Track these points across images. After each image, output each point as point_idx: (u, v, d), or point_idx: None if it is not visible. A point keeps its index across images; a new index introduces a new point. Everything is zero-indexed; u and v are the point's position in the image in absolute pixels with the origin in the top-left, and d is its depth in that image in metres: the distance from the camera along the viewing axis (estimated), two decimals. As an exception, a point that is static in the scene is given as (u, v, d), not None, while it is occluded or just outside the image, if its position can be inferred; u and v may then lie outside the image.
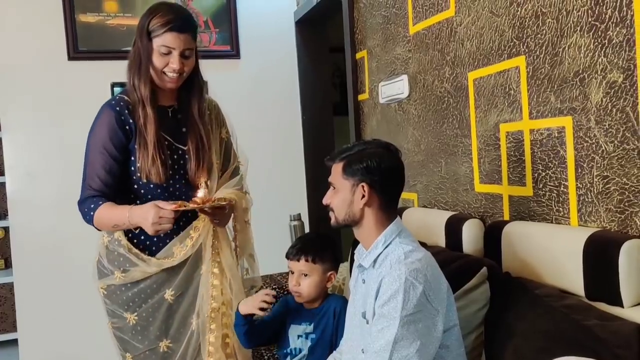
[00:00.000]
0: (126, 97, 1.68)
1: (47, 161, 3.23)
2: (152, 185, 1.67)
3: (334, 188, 1.39)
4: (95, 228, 1.69)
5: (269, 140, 3.66)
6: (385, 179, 1.34)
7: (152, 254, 1.70)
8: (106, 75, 3.27)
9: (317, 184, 3.54)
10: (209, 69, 3.53)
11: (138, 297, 1.70)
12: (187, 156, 1.72)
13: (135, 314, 1.70)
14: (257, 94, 3.63)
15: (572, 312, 1.20)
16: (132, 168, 1.68)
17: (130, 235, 1.70)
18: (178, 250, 1.70)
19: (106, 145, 1.64)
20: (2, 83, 3.16)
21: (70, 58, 3.20)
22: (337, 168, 1.37)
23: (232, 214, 1.83)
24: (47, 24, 3.16)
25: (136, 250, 1.68)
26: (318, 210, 3.50)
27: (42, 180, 3.23)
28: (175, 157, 1.72)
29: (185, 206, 1.61)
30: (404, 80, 2.33)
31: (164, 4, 1.69)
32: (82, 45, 3.19)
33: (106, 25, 3.22)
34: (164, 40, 1.60)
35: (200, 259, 1.75)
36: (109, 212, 1.64)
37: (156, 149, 1.64)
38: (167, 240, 1.71)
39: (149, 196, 1.68)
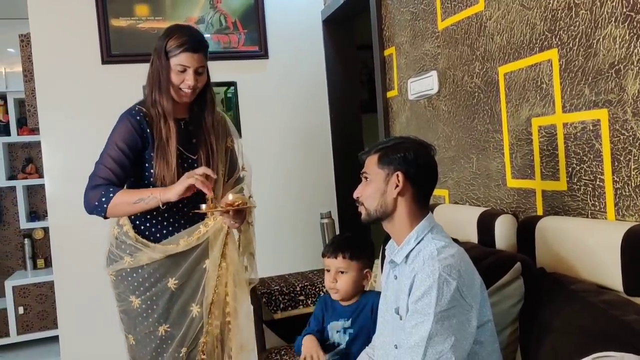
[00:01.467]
0: (144, 110, 1.84)
1: (83, 163, 3.28)
2: None
3: (366, 179, 1.39)
4: (102, 215, 1.81)
5: (298, 138, 3.69)
6: (420, 172, 1.35)
7: (158, 242, 1.86)
8: (138, 78, 3.31)
9: (346, 182, 3.55)
10: (237, 69, 3.62)
11: (145, 283, 1.85)
12: (195, 165, 1.88)
13: (140, 298, 1.85)
14: (286, 93, 3.66)
15: (610, 307, 1.18)
16: (146, 173, 1.85)
17: (137, 230, 1.86)
18: (183, 241, 1.86)
19: (121, 144, 1.80)
20: (41, 88, 3.26)
21: (103, 62, 3.28)
22: (372, 159, 1.39)
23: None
24: (81, 30, 3.25)
25: (143, 240, 1.84)
26: (348, 207, 3.50)
27: (79, 182, 3.31)
28: (186, 165, 1.88)
29: (216, 207, 1.77)
30: (433, 76, 2.32)
31: (179, 27, 1.87)
32: (115, 49, 3.27)
33: (137, 29, 3.29)
34: (180, 60, 1.77)
35: (205, 253, 1.90)
36: (131, 192, 1.80)
37: (175, 159, 1.80)
38: (175, 233, 1.88)
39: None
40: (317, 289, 2.42)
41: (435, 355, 1.18)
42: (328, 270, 1.78)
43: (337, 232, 3.09)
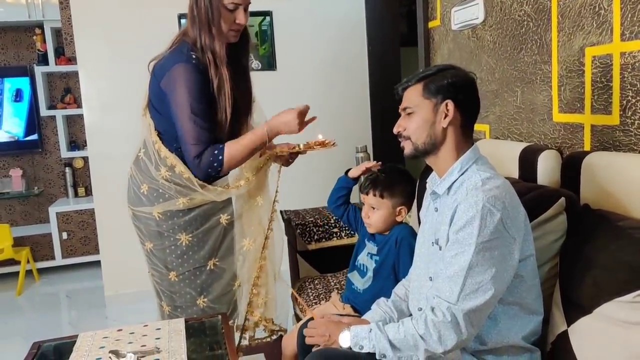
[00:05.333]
0: (195, 55, 1.68)
1: (120, 92, 3.34)
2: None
3: (409, 113, 1.33)
4: (216, 175, 1.71)
5: (335, 72, 3.61)
6: (468, 97, 1.30)
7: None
8: (173, 6, 3.29)
9: (382, 116, 3.49)
10: (274, -3, 3.49)
11: (196, 220, 1.80)
12: (240, 105, 1.80)
13: (191, 235, 1.79)
14: (323, 25, 3.55)
15: (659, 244, 1.14)
16: None
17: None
18: (234, 189, 1.82)
19: (203, 98, 1.66)
20: (77, 16, 3.25)
21: (139, -12, 3.23)
22: (414, 90, 1.32)
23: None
24: (115, -45, 3.19)
25: (200, 182, 1.74)
26: (383, 141, 3.47)
27: (116, 111, 3.35)
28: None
29: (311, 146, 1.79)
30: (479, 4, 2.20)
31: None
32: (150, -25, 3.20)
33: (172, -45, 3.20)
34: None
35: (260, 191, 1.88)
36: (240, 144, 1.70)
37: (230, 107, 1.69)
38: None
39: None
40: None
41: (474, 286, 1.17)
42: (364, 204, 1.80)
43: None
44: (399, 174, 1.79)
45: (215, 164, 1.67)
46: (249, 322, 1.97)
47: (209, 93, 1.68)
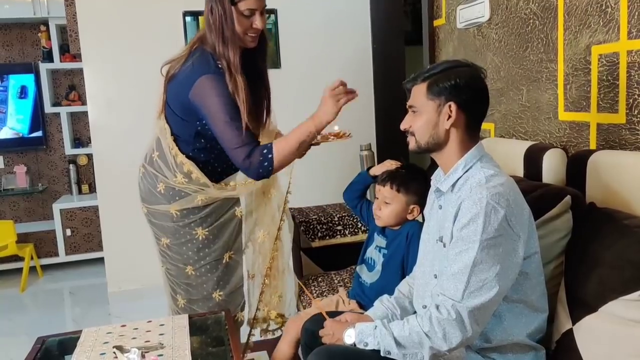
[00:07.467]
0: (221, 65, 1.66)
1: (124, 89, 3.34)
2: None
3: (415, 111, 1.33)
4: (267, 175, 1.67)
5: (339, 69, 3.60)
6: (473, 97, 1.28)
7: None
8: (178, 3, 3.29)
9: (387, 115, 3.48)
10: (278, -5, 3.48)
11: (212, 214, 1.82)
12: (257, 111, 1.79)
13: (207, 229, 1.81)
14: (327, 23, 3.55)
15: (665, 242, 1.13)
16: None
17: (207, 175, 1.77)
18: (250, 184, 1.81)
19: (235, 103, 1.63)
20: (82, 15, 3.25)
21: (144, -15, 3.23)
22: (419, 89, 1.31)
23: None
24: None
25: (216, 184, 1.78)
26: (387, 140, 3.46)
27: (121, 108, 3.36)
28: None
29: (327, 138, 1.78)
30: (484, 2, 2.19)
31: None
32: (154, -27, 3.20)
33: (177, -48, 3.20)
34: (248, 4, 1.62)
35: (271, 184, 1.91)
36: (287, 140, 1.65)
37: (246, 113, 1.64)
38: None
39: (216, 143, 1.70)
40: (354, 220, 2.43)
41: (478, 283, 1.17)
42: (377, 198, 1.80)
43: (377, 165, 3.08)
44: (418, 173, 1.79)
45: (265, 163, 1.62)
46: (260, 312, 1.99)
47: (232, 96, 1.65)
